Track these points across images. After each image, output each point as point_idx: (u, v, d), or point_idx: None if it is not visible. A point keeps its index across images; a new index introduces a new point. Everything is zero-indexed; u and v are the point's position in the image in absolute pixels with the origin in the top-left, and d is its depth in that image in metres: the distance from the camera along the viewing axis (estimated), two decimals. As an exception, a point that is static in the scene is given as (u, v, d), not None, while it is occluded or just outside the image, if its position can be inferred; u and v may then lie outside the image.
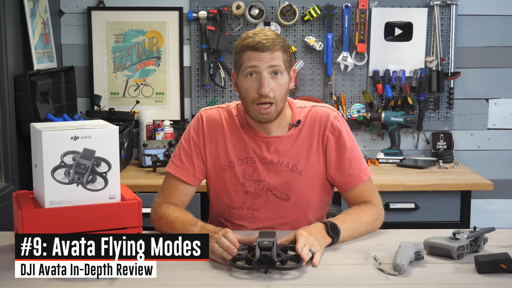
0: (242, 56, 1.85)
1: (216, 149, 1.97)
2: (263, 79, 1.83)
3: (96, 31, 3.39)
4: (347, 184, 1.96)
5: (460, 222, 2.97)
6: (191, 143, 1.98)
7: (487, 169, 3.44)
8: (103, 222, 1.67)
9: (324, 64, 3.40)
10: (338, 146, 1.96)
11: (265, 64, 1.83)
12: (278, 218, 1.98)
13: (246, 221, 1.98)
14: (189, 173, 1.97)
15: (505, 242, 1.81)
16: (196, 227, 1.77)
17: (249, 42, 1.84)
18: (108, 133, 1.68)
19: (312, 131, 1.96)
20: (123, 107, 3.38)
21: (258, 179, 1.95)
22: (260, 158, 1.95)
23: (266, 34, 1.84)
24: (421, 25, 3.38)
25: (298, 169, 1.95)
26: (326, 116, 1.96)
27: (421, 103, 3.40)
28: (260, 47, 1.82)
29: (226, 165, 1.96)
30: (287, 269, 1.58)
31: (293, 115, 1.97)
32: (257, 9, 3.33)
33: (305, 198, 1.97)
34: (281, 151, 1.95)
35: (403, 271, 1.58)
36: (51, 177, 1.63)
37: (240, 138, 1.96)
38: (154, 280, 1.54)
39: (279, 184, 1.95)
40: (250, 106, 1.87)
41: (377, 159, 3.33)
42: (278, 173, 1.95)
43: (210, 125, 1.98)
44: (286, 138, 1.95)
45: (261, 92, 1.83)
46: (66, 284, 1.52)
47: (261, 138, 1.95)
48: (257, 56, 1.82)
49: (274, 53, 1.83)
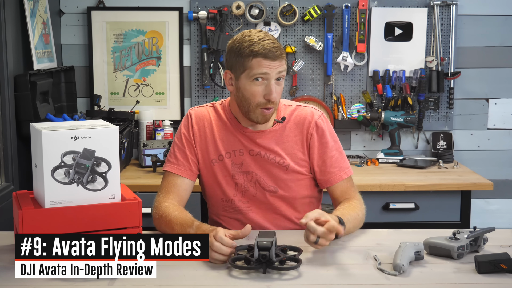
0: (250, 61, 1.89)
1: (205, 143, 2.04)
2: (272, 87, 1.90)
3: (96, 31, 3.39)
4: (326, 181, 2.03)
5: (460, 222, 2.97)
6: (183, 139, 2.05)
7: (487, 169, 3.44)
8: (103, 222, 1.67)
9: (324, 64, 3.40)
10: (320, 144, 2.02)
11: (274, 71, 1.90)
12: (268, 211, 2.03)
13: (240, 213, 2.04)
14: (185, 168, 2.02)
15: (505, 242, 1.81)
16: (192, 228, 1.79)
17: (259, 49, 1.88)
18: (108, 133, 1.68)
19: (297, 129, 2.03)
20: (123, 107, 3.39)
21: (247, 170, 2.02)
22: (248, 150, 2.01)
23: (273, 41, 1.90)
24: (421, 25, 3.38)
25: (284, 163, 2.01)
26: (311, 115, 2.04)
27: (421, 103, 3.40)
28: (271, 56, 1.88)
29: (216, 158, 2.03)
30: (285, 269, 1.58)
31: (278, 111, 2.04)
32: (257, 9, 3.33)
33: (292, 191, 2.03)
34: (265, 145, 2.01)
35: (403, 271, 1.58)
36: (51, 177, 1.63)
37: (228, 132, 2.03)
38: (154, 280, 1.55)
39: (267, 175, 2.02)
40: (253, 109, 1.94)
41: (377, 159, 3.33)
42: (265, 165, 2.01)
43: (198, 121, 2.05)
44: (271, 133, 2.02)
45: (270, 99, 1.90)
46: (66, 284, 1.52)
47: (247, 133, 2.01)
48: (268, 64, 1.88)
49: (281, 61, 1.91)
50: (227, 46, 1.99)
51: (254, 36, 1.91)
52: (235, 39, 1.94)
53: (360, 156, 3.39)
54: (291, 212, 2.05)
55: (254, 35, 1.91)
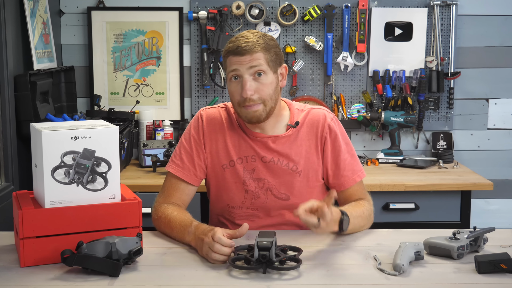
0: (225, 61, 1.90)
1: (216, 147, 1.98)
2: (244, 82, 1.86)
3: (96, 31, 3.39)
4: (340, 185, 1.99)
5: (460, 222, 2.96)
6: (191, 142, 1.99)
7: (487, 169, 3.44)
8: (103, 222, 1.67)
9: (324, 64, 3.40)
10: (333, 148, 1.99)
11: (245, 66, 1.86)
12: (276, 217, 2.00)
13: (246, 220, 1.98)
14: (190, 173, 1.98)
15: (505, 242, 1.81)
16: (190, 228, 1.78)
17: (230, 47, 1.88)
18: (108, 133, 1.68)
19: (311, 133, 1.98)
20: (123, 107, 3.39)
21: (258, 177, 1.97)
22: (261, 157, 1.96)
23: (247, 38, 1.87)
24: (421, 25, 3.38)
25: (298, 169, 1.97)
26: (324, 118, 1.99)
27: (421, 103, 3.40)
28: (240, 51, 1.85)
29: (227, 164, 1.98)
30: (285, 269, 1.58)
31: (291, 116, 2.00)
32: (257, 9, 3.33)
33: (304, 198, 1.96)
34: (280, 151, 1.96)
35: (403, 271, 1.58)
36: (51, 177, 1.63)
37: (240, 137, 1.98)
38: (154, 280, 1.55)
39: (279, 183, 1.97)
40: (238, 109, 1.91)
41: (377, 159, 3.33)
42: (278, 172, 1.97)
43: (210, 123, 2.00)
44: (284, 138, 1.97)
45: (243, 95, 1.86)
46: (66, 284, 1.52)
47: (259, 138, 1.97)
48: (237, 60, 1.86)
49: (253, 54, 1.85)
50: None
51: (238, 36, 1.90)
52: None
53: (360, 156, 3.39)
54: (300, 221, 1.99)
55: (240, 35, 1.90)
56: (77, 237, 1.63)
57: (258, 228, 1.96)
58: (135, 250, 1.60)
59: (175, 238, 1.84)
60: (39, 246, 1.62)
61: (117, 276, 1.55)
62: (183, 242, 1.81)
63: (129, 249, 1.59)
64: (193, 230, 1.76)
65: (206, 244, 1.66)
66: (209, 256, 1.65)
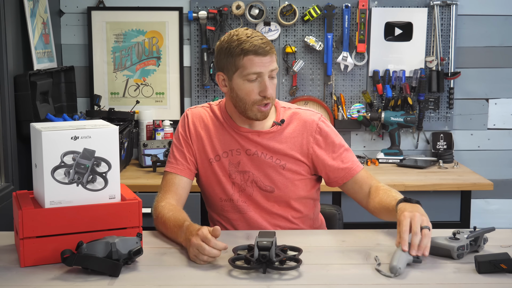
0: (241, 59, 1.89)
1: (202, 143, 2.04)
2: (266, 83, 1.91)
3: (96, 31, 3.39)
4: (342, 177, 2.02)
5: (460, 222, 2.97)
6: (180, 139, 2.06)
7: (487, 169, 3.44)
8: (103, 222, 1.67)
9: (324, 64, 3.40)
10: (326, 145, 2.03)
11: (267, 69, 1.90)
12: (265, 210, 2.03)
13: (239, 212, 2.04)
14: (184, 167, 2.03)
15: (505, 242, 1.81)
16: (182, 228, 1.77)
17: (249, 46, 1.88)
18: (108, 133, 1.68)
19: (297, 132, 2.03)
20: (123, 107, 3.39)
21: (243, 170, 2.02)
22: (245, 150, 2.01)
23: (261, 37, 1.91)
24: (421, 25, 3.38)
25: (281, 163, 2.01)
26: (311, 119, 2.04)
27: (421, 103, 3.40)
28: (262, 52, 1.88)
29: (213, 158, 2.03)
30: (285, 269, 1.58)
31: (277, 113, 2.05)
32: (257, 9, 3.33)
33: (290, 191, 2.03)
34: (264, 144, 2.01)
35: (399, 274, 1.57)
36: (51, 177, 1.63)
37: (225, 132, 2.03)
38: (154, 280, 1.55)
39: (263, 175, 2.02)
40: (250, 107, 1.94)
41: (377, 159, 3.33)
42: (262, 164, 2.01)
43: (195, 121, 2.07)
44: (269, 134, 2.02)
45: (265, 95, 1.91)
46: (66, 284, 1.52)
47: (244, 132, 2.02)
48: (260, 61, 1.88)
49: (272, 56, 1.91)
50: (215, 48, 1.98)
51: (242, 34, 1.91)
52: (223, 40, 1.94)
53: (360, 156, 3.39)
54: (288, 212, 2.05)
55: (242, 33, 1.91)
56: (77, 237, 1.63)
57: (251, 221, 2.02)
58: (135, 250, 1.60)
59: (171, 238, 1.85)
60: (39, 246, 1.62)
61: (117, 276, 1.55)
62: (177, 243, 1.81)
63: (129, 249, 1.59)
64: (184, 230, 1.76)
65: (195, 245, 1.65)
66: (199, 258, 1.64)
